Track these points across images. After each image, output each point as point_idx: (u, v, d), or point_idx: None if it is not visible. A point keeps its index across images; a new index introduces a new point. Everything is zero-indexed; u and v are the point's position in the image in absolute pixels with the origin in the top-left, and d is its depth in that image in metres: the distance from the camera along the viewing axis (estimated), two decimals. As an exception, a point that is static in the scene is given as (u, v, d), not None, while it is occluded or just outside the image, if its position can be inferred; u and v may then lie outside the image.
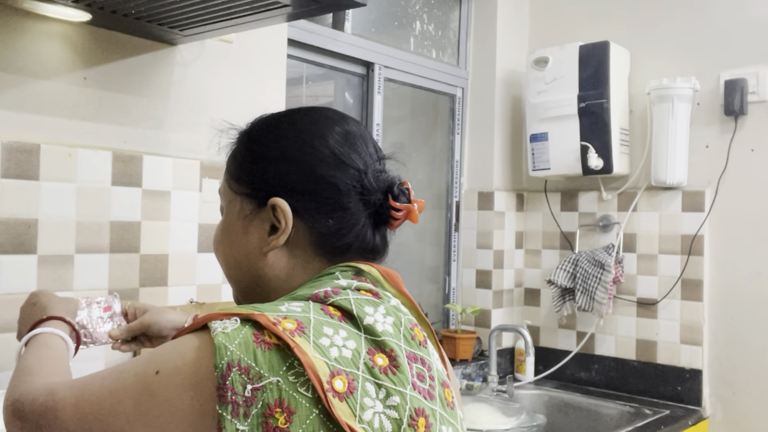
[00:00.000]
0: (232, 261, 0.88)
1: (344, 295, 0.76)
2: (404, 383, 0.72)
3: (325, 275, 0.81)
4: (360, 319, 0.74)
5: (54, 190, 1.41)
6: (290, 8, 1.28)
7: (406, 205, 0.85)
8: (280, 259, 0.83)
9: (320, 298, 0.76)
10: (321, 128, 0.85)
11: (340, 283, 0.79)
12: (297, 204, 0.82)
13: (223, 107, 1.72)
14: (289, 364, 0.67)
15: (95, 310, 1.17)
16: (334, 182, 0.82)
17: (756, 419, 2.27)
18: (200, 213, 1.66)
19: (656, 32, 2.47)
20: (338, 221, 0.82)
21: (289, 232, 0.82)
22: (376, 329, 0.74)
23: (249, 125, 0.91)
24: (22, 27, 1.37)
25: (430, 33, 2.65)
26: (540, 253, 2.72)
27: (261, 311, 0.71)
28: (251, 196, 0.85)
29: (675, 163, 2.34)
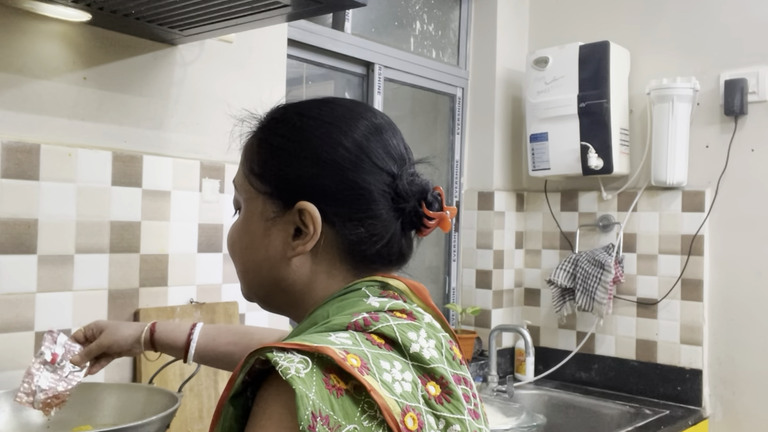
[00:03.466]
0: (250, 264, 0.82)
1: (384, 321, 0.71)
2: (461, 410, 0.69)
3: (350, 292, 0.76)
4: (406, 347, 0.70)
5: (54, 190, 1.41)
6: (290, 8, 1.28)
7: (439, 213, 0.79)
8: (303, 265, 0.78)
9: (361, 327, 0.70)
10: (353, 127, 0.79)
11: (373, 305, 0.74)
12: (326, 209, 0.76)
13: (223, 107, 1.72)
14: (361, 409, 0.63)
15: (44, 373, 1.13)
16: (368, 188, 0.76)
17: (756, 419, 2.27)
18: (200, 213, 1.66)
19: (656, 32, 2.47)
20: (369, 229, 0.77)
21: (317, 239, 0.76)
22: (424, 356, 0.70)
23: (272, 117, 0.84)
24: (22, 27, 1.37)
25: (430, 33, 2.65)
26: (540, 253, 2.72)
27: (319, 343, 0.65)
28: (276, 197, 0.79)
29: (675, 163, 2.34)
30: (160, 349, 1.21)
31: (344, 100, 0.85)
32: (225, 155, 1.72)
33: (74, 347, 1.18)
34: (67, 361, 1.16)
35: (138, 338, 1.18)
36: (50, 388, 1.13)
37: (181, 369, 1.55)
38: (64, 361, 1.15)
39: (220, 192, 1.70)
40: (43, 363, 1.14)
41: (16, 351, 1.35)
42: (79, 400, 1.25)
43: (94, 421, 1.24)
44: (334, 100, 0.84)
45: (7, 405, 1.19)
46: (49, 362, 1.14)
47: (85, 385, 1.29)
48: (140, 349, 1.20)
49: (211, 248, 1.68)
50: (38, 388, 1.12)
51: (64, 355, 1.16)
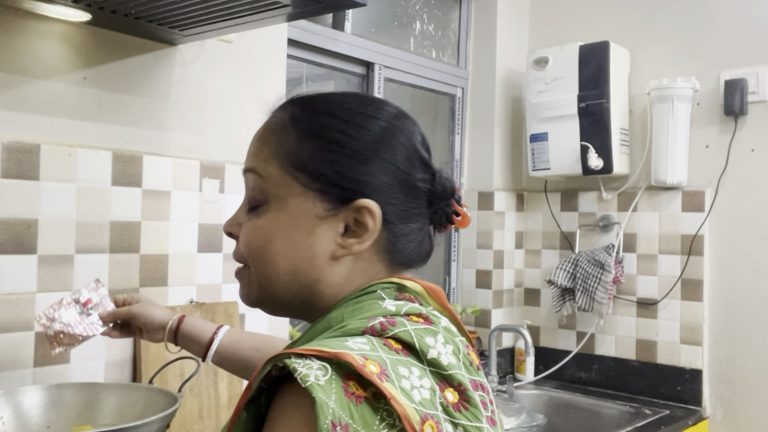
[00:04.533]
0: (286, 265, 0.76)
1: (402, 325, 0.69)
2: (479, 417, 0.67)
3: (364, 294, 0.75)
4: (423, 353, 0.68)
5: (54, 190, 1.41)
6: (290, 8, 1.28)
7: (464, 211, 0.81)
8: (346, 264, 0.76)
9: (378, 332, 0.68)
10: (404, 126, 0.79)
11: (389, 308, 0.72)
12: (383, 206, 0.75)
13: (223, 107, 1.72)
14: (380, 417, 0.61)
15: (71, 309, 1.15)
16: (418, 186, 0.77)
17: (756, 419, 2.27)
18: (200, 213, 1.66)
19: (656, 32, 2.47)
20: (415, 226, 0.78)
21: (375, 237, 0.75)
22: (442, 362, 0.68)
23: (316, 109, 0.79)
24: (22, 27, 1.37)
25: (430, 33, 2.65)
26: (540, 253, 2.72)
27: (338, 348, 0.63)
28: (327, 193, 0.75)
29: (675, 163, 2.34)
30: (182, 343, 1.20)
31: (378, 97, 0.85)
32: (225, 155, 1.72)
33: (109, 305, 1.20)
34: (96, 312, 1.17)
35: (165, 323, 1.18)
36: (69, 324, 1.14)
37: (181, 369, 1.55)
38: (93, 311, 1.16)
39: (220, 192, 1.70)
40: (76, 301, 1.16)
41: (16, 351, 1.35)
42: (79, 400, 1.26)
43: (94, 421, 1.24)
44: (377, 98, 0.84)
45: (8, 405, 1.19)
46: (81, 303, 1.16)
47: (85, 385, 1.29)
48: (162, 336, 1.20)
49: (211, 248, 1.68)
50: (59, 318, 1.14)
51: (96, 306, 1.17)
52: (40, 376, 1.37)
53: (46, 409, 1.23)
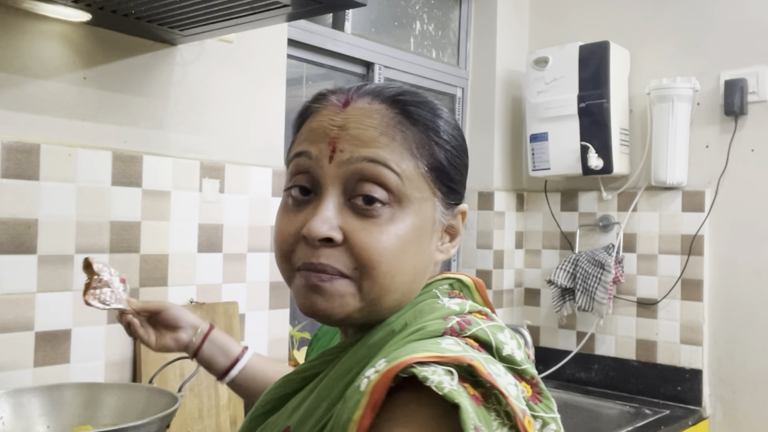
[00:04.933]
0: (413, 273, 0.71)
1: (476, 324, 0.67)
2: (552, 409, 0.66)
3: (421, 295, 0.73)
4: (498, 350, 0.66)
5: (54, 190, 1.41)
6: (290, 8, 1.28)
7: None
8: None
9: (457, 332, 0.66)
10: None
11: (452, 308, 0.70)
12: None
13: (223, 107, 1.72)
14: (494, 417, 0.59)
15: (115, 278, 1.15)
16: None
17: (756, 419, 2.27)
18: (200, 213, 1.66)
19: (656, 32, 2.47)
20: None
21: None
22: (515, 358, 0.67)
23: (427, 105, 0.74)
24: (22, 27, 1.37)
25: (430, 33, 2.65)
26: (540, 253, 2.72)
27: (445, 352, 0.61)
28: (448, 199, 0.74)
29: (675, 163, 2.34)
30: (207, 350, 1.12)
31: None
32: (225, 155, 1.73)
33: None
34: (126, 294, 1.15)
35: (195, 323, 1.12)
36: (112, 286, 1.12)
37: (181, 369, 1.55)
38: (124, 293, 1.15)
39: (220, 192, 1.70)
40: (118, 275, 1.15)
41: (16, 351, 1.35)
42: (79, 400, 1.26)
43: (94, 421, 1.24)
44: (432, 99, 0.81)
45: (8, 405, 1.19)
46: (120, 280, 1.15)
47: (85, 385, 1.29)
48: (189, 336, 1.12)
49: (211, 248, 1.68)
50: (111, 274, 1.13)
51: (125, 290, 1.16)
52: (40, 376, 1.37)
53: (46, 409, 1.23)
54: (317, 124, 0.71)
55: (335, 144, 0.69)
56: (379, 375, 0.59)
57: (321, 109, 0.73)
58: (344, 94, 0.73)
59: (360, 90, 0.73)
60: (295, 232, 0.70)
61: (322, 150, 0.69)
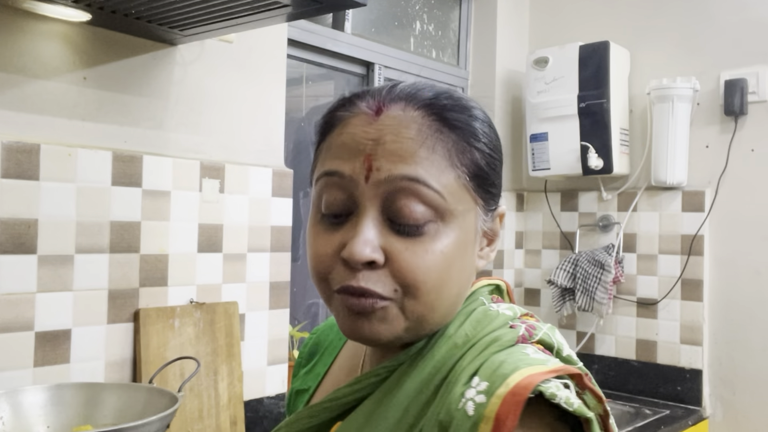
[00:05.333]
0: (458, 287, 0.68)
1: (539, 329, 0.68)
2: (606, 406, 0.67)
3: (471, 303, 0.72)
4: (559, 352, 0.68)
5: (54, 190, 1.41)
6: (290, 8, 1.28)
7: None
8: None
9: (527, 339, 0.67)
10: None
11: (506, 314, 0.70)
12: None
13: (223, 107, 1.72)
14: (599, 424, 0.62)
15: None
16: None
17: (756, 419, 2.27)
18: (200, 213, 1.66)
19: (656, 32, 2.47)
20: None
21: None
22: (573, 357, 0.68)
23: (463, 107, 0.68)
24: (22, 27, 1.37)
25: (430, 33, 2.65)
26: (540, 253, 2.72)
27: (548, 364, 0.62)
28: (488, 205, 0.69)
29: (675, 163, 2.34)
30: None
31: None
32: (225, 155, 1.73)
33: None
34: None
35: None
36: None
37: (181, 369, 1.55)
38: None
39: (220, 192, 1.70)
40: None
41: (16, 351, 1.35)
42: (79, 400, 1.26)
43: (94, 421, 1.24)
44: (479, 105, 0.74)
45: (8, 405, 1.19)
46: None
47: (85, 385, 1.29)
48: None
49: (211, 248, 1.68)
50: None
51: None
52: (40, 376, 1.37)
53: (46, 409, 1.23)
54: (348, 137, 0.65)
55: (371, 161, 0.63)
56: (501, 398, 0.57)
57: (350, 117, 0.66)
58: (375, 99, 0.66)
59: (392, 93, 0.66)
60: (333, 252, 0.65)
61: (356, 169, 0.64)
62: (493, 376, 0.59)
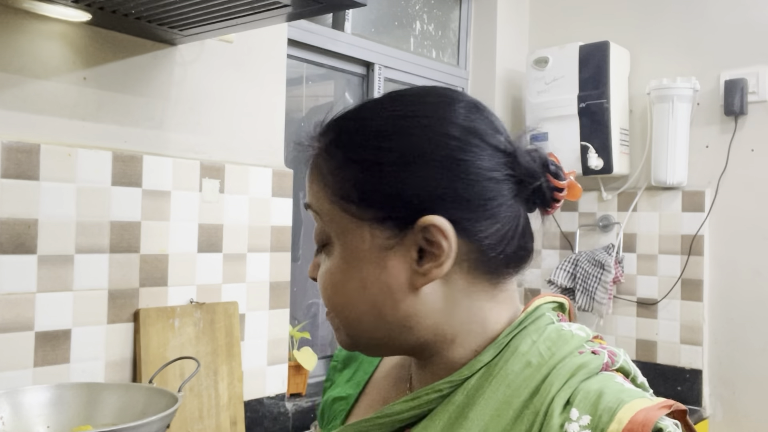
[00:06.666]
0: (365, 307, 0.66)
1: (619, 356, 0.66)
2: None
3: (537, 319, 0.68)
4: (634, 379, 0.66)
5: (54, 190, 1.41)
6: (290, 8, 1.28)
7: (567, 182, 0.69)
8: (435, 291, 0.65)
9: (610, 366, 0.65)
10: (453, 111, 0.66)
11: (580, 335, 0.67)
12: (453, 216, 0.63)
13: (223, 107, 1.72)
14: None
15: None
16: (490, 175, 0.64)
17: (756, 419, 2.27)
18: (200, 213, 1.66)
19: (656, 32, 2.47)
20: (503, 224, 0.66)
21: (453, 256, 0.63)
22: (646, 385, 0.67)
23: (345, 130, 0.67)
24: (22, 27, 1.37)
25: (430, 33, 2.65)
26: (540, 253, 2.72)
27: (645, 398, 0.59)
28: (385, 220, 0.64)
29: (675, 163, 2.34)
30: None
31: (418, 90, 0.70)
32: (225, 155, 1.73)
33: None
34: None
35: None
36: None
37: (181, 369, 1.55)
38: None
39: (220, 192, 1.70)
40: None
41: (16, 351, 1.35)
42: (79, 400, 1.26)
43: (94, 421, 1.24)
44: (408, 91, 0.69)
45: (8, 405, 1.19)
46: None
47: (85, 385, 1.29)
48: None
49: (211, 248, 1.68)
50: None
51: None
52: (40, 376, 1.37)
53: (46, 409, 1.23)
54: None
55: None
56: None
57: None
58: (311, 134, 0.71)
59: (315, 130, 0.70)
60: None
61: None
62: (596, 410, 0.57)
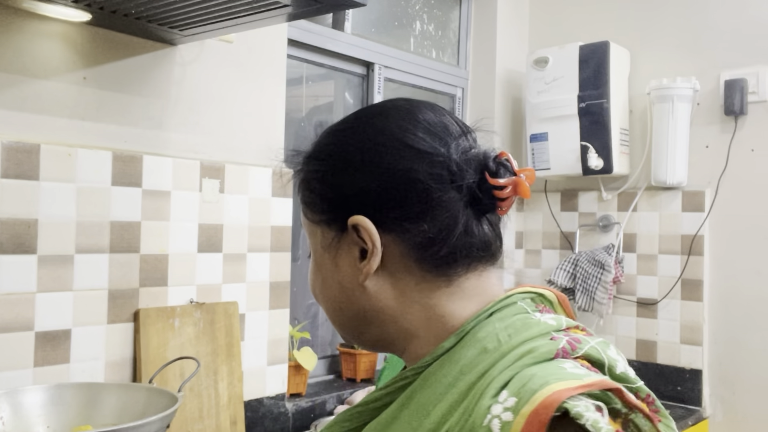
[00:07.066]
0: (330, 302, 0.74)
1: (585, 343, 0.63)
2: (672, 427, 0.63)
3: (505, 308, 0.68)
4: (611, 369, 0.63)
5: (54, 190, 1.41)
6: (290, 8, 1.28)
7: (510, 180, 0.70)
8: (382, 286, 0.69)
9: (568, 352, 0.62)
10: (385, 122, 0.70)
11: (549, 323, 0.65)
12: (380, 216, 0.67)
13: (223, 107, 1.72)
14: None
15: None
16: (416, 177, 0.66)
17: (756, 419, 2.26)
18: (200, 213, 1.66)
19: (656, 32, 2.47)
20: (435, 223, 0.67)
21: (379, 253, 0.67)
22: (630, 376, 0.64)
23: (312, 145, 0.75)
24: (22, 27, 1.37)
25: (430, 33, 2.65)
26: (540, 253, 2.72)
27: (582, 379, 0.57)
28: (329, 222, 0.71)
29: (675, 163, 2.34)
30: None
31: (376, 104, 0.77)
32: (225, 155, 1.73)
33: None
34: None
35: None
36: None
37: (181, 369, 1.55)
38: None
39: (220, 192, 1.70)
40: None
41: (16, 351, 1.35)
42: (79, 400, 1.26)
43: (94, 421, 1.24)
44: (367, 107, 0.76)
45: (8, 405, 1.19)
46: None
47: (85, 385, 1.29)
48: None
49: (211, 248, 1.68)
50: None
51: None
52: (40, 376, 1.37)
53: (46, 409, 1.23)
54: None
55: None
56: (525, 418, 0.54)
57: None
58: None
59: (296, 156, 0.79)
60: None
61: None
62: (521, 392, 0.56)
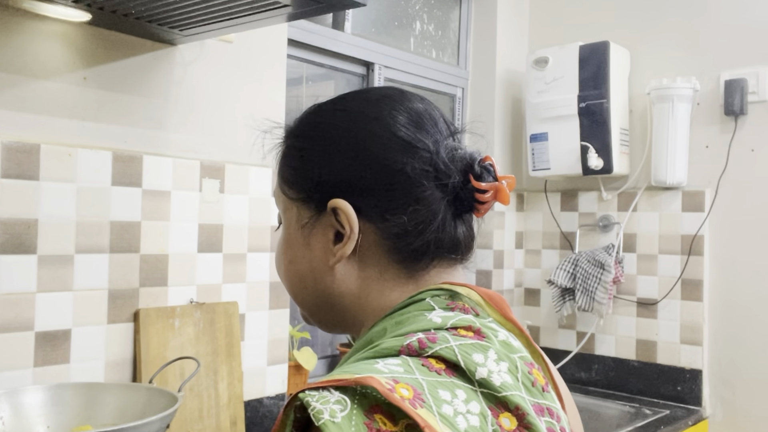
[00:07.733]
0: (295, 279, 0.74)
1: (444, 341, 0.60)
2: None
3: (412, 304, 0.67)
4: (471, 372, 0.59)
5: (54, 190, 1.41)
6: (290, 8, 1.28)
7: (492, 184, 0.70)
8: (350, 272, 0.70)
9: (416, 351, 0.60)
10: (378, 110, 0.71)
11: (434, 320, 0.63)
12: (361, 203, 0.68)
13: (223, 107, 1.72)
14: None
15: None
16: (402, 169, 0.67)
17: (756, 419, 2.27)
18: (200, 213, 1.66)
19: (656, 32, 2.47)
20: (413, 216, 0.67)
21: (356, 239, 0.68)
22: (493, 383, 0.59)
23: (296, 120, 0.76)
24: (22, 27, 1.37)
25: (430, 33, 2.65)
26: (540, 253, 2.72)
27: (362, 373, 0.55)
28: (307, 201, 0.72)
29: (675, 163, 2.34)
30: None
31: (374, 88, 0.78)
32: (225, 155, 1.73)
33: None
34: None
35: None
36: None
37: (181, 369, 1.55)
38: None
39: (220, 192, 1.70)
40: None
41: (16, 351, 1.35)
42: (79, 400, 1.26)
43: (94, 421, 1.25)
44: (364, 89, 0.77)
45: (8, 405, 1.19)
46: None
47: (85, 385, 1.29)
48: None
49: (211, 248, 1.68)
50: None
51: None
52: (40, 376, 1.37)
53: (46, 409, 1.23)
54: None
55: None
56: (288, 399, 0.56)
57: None
58: None
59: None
60: None
61: None
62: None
